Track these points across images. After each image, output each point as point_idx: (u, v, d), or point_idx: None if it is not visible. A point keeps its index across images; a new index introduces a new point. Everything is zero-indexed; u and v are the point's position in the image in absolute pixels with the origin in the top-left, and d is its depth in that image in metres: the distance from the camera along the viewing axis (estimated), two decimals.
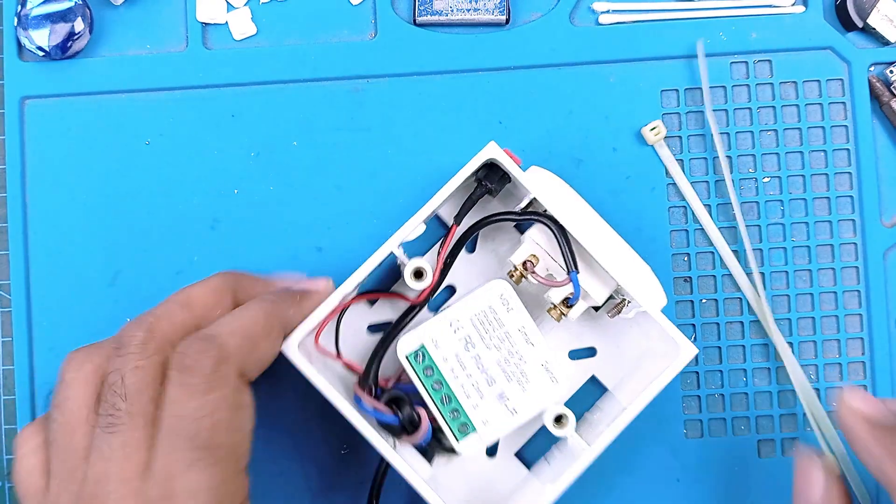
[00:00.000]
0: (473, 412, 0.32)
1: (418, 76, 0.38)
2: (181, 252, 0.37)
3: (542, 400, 0.32)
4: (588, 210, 0.33)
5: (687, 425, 0.37)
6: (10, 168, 0.37)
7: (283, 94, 0.38)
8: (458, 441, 0.32)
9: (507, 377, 0.32)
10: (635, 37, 0.38)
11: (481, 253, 0.37)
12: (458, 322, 0.32)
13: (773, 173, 0.38)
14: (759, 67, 0.38)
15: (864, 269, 0.38)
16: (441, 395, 0.32)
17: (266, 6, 0.38)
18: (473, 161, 0.32)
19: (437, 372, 0.32)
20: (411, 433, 0.32)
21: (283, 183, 0.38)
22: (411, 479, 0.31)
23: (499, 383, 0.32)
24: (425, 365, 0.32)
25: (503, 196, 0.35)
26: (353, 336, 0.36)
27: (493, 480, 0.36)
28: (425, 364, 0.32)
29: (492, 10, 0.38)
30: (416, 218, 0.32)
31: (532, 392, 0.32)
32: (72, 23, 0.37)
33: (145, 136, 0.38)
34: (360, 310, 0.36)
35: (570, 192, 0.33)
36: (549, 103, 0.38)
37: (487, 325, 0.32)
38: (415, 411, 0.32)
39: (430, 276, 0.32)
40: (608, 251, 0.32)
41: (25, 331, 0.37)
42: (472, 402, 0.32)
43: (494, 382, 0.32)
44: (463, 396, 0.32)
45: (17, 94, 0.38)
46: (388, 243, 0.32)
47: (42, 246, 0.37)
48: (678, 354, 0.32)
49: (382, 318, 0.36)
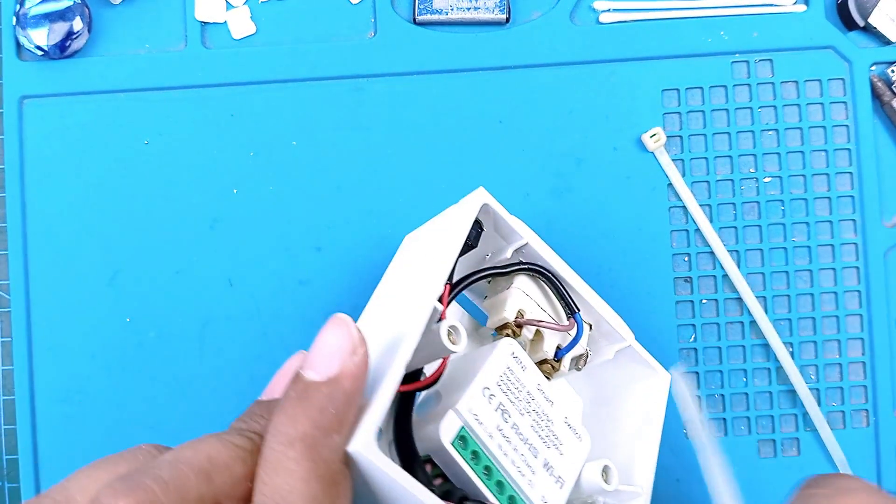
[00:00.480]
0: (532, 492, 0.26)
1: (418, 76, 0.38)
2: (180, 252, 0.37)
3: (578, 460, 0.28)
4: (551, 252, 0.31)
5: (687, 425, 0.37)
6: (9, 168, 0.37)
7: (283, 94, 0.38)
8: None
9: (545, 444, 0.27)
10: (636, 36, 0.38)
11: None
12: (487, 389, 0.26)
13: (773, 173, 0.38)
14: (760, 67, 0.38)
15: (864, 270, 0.38)
16: (494, 482, 0.25)
17: (265, 5, 0.38)
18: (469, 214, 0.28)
19: (483, 455, 0.25)
20: None
21: (283, 183, 0.37)
22: None
23: (541, 452, 0.27)
24: (471, 449, 0.25)
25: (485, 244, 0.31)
26: None
27: None
28: (470, 448, 0.25)
29: (492, 9, 0.38)
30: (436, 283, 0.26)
31: (568, 454, 0.27)
32: (70, 22, 0.37)
33: (144, 136, 0.38)
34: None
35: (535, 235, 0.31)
36: (549, 103, 0.38)
37: (512, 387, 0.27)
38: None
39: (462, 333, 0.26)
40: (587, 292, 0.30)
41: (25, 331, 0.37)
42: (526, 480, 0.26)
43: (538, 452, 0.27)
44: (518, 476, 0.26)
45: (15, 94, 0.37)
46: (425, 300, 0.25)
47: (41, 246, 0.37)
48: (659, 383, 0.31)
49: None
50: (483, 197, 0.28)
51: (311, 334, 0.37)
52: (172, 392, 0.37)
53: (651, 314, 0.37)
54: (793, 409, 0.37)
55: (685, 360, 0.38)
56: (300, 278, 0.37)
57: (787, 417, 0.37)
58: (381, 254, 0.37)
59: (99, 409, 0.37)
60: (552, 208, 0.37)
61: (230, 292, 0.37)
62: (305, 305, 0.37)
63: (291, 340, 0.37)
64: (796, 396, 0.37)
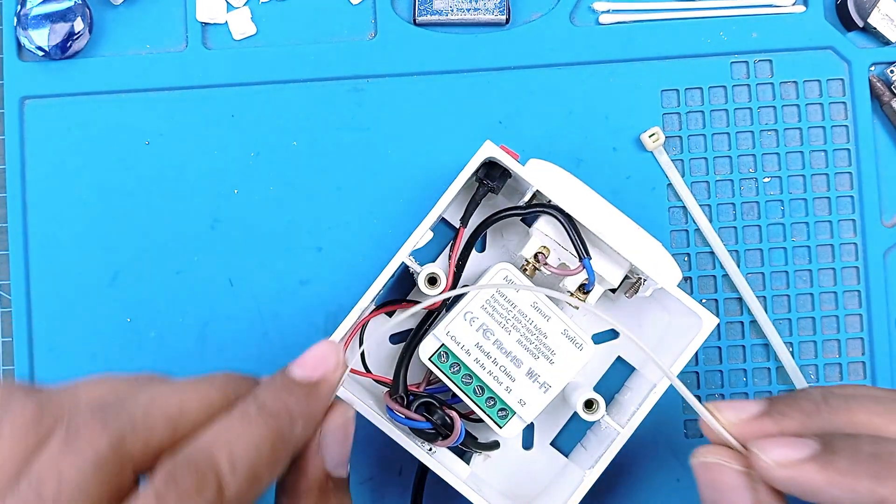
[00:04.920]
0: (508, 396, 0.32)
1: (418, 76, 0.38)
2: (181, 252, 0.37)
3: (572, 368, 0.32)
4: (591, 194, 0.33)
5: (687, 425, 0.37)
6: (10, 168, 0.37)
7: (283, 94, 0.38)
8: (500, 427, 0.32)
9: (532, 355, 0.32)
10: (635, 37, 0.38)
11: (492, 251, 0.37)
12: (471, 313, 0.32)
13: (773, 173, 0.38)
14: (759, 67, 0.38)
15: (864, 270, 0.38)
16: (473, 387, 0.32)
17: (266, 6, 0.38)
18: (472, 162, 0.32)
19: (464, 366, 0.32)
20: (446, 437, 0.32)
21: (283, 183, 0.38)
22: (451, 480, 0.31)
23: (525, 362, 0.32)
24: (451, 362, 0.32)
25: (507, 192, 0.35)
26: (377, 348, 0.36)
27: (533, 471, 0.36)
28: (450, 361, 0.32)
29: (492, 10, 0.38)
30: (422, 226, 0.32)
31: (560, 363, 0.32)
32: (71, 22, 0.37)
33: (145, 136, 0.38)
34: (379, 321, 0.36)
35: (571, 178, 0.33)
36: (549, 103, 0.38)
37: (500, 308, 0.32)
38: (446, 413, 0.32)
39: (444, 281, 0.32)
40: (617, 233, 0.32)
41: (25, 331, 0.37)
42: (504, 387, 0.32)
43: (521, 363, 0.32)
44: (494, 383, 0.32)
45: (16, 94, 0.37)
46: (398, 254, 0.32)
47: (42, 246, 0.37)
48: (700, 326, 0.32)
49: (403, 326, 0.36)
50: (489, 150, 0.32)
51: (312, 334, 0.37)
52: None
53: None
54: None
55: None
56: (301, 278, 0.37)
57: None
58: (382, 254, 0.37)
59: None
60: None
61: (231, 292, 0.37)
62: (306, 305, 0.37)
63: (292, 340, 0.37)
64: None
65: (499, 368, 0.32)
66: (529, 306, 0.32)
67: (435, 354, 0.32)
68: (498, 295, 0.32)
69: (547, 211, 0.32)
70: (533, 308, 0.32)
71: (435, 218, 0.32)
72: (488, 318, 0.32)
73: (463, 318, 0.32)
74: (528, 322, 0.32)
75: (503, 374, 0.32)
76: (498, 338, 0.32)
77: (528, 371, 0.32)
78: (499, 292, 0.32)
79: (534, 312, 0.32)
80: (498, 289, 0.32)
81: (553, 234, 0.33)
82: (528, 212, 0.33)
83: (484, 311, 0.32)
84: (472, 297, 0.32)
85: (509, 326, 0.32)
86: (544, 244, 0.33)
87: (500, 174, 0.33)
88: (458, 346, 0.32)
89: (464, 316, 0.32)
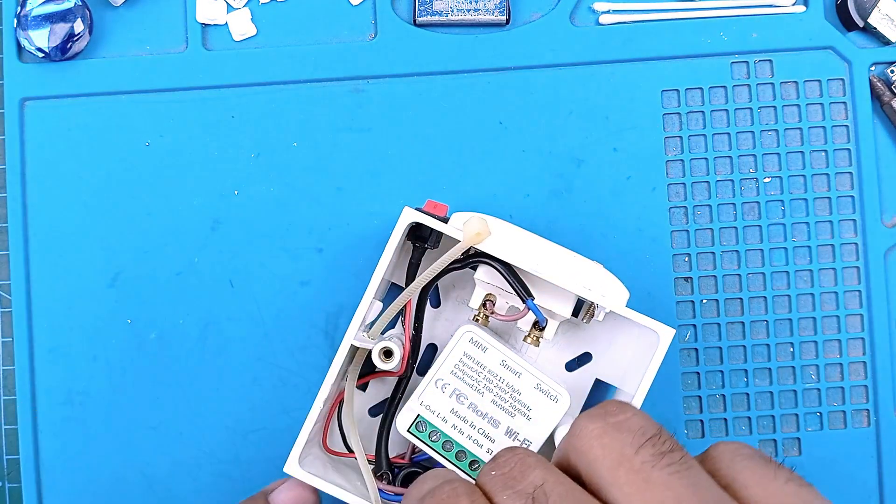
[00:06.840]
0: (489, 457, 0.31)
1: (418, 76, 0.38)
2: (181, 253, 0.37)
3: (551, 421, 0.32)
4: (520, 233, 0.32)
5: (687, 425, 0.37)
6: (10, 169, 0.37)
7: (284, 95, 0.38)
8: None
9: (508, 414, 0.32)
10: (635, 37, 0.38)
11: (448, 304, 0.36)
12: (441, 380, 0.32)
13: (773, 173, 0.38)
14: (759, 67, 0.38)
15: (864, 270, 0.38)
16: (454, 453, 0.32)
17: (266, 7, 0.38)
18: (395, 231, 0.32)
19: (442, 433, 0.32)
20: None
21: (284, 184, 0.38)
22: None
23: (503, 422, 0.32)
24: (429, 431, 0.32)
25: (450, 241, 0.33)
26: (359, 423, 0.36)
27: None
28: (429, 430, 0.32)
29: (492, 11, 0.38)
30: (364, 301, 0.32)
31: (537, 418, 0.32)
32: (71, 24, 0.37)
33: (145, 138, 0.38)
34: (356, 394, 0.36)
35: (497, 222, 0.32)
36: (549, 103, 0.38)
37: (470, 371, 0.32)
38: None
39: (399, 351, 0.32)
40: (553, 266, 0.32)
41: (25, 331, 0.37)
42: (485, 449, 0.32)
43: (499, 423, 0.32)
44: (475, 447, 0.32)
45: (16, 96, 0.38)
46: (346, 337, 0.32)
47: (42, 246, 0.37)
48: (658, 339, 0.32)
49: (380, 397, 0.36)
50: (409, 216, 0.32)
51: (312, 335, 0.37)
52: (174, 393, 0.37)
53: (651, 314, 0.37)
54: (794, 409, 0.37)
55: (686, 361, 0.38)
56: (301, 279, 0.37)
57: (788, 417, 0.37)
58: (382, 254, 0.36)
59: (100, 410, 0.37)
60: (552, 209, 0.38)
61: (231, 293, 0.37)
62: (306, 306, 0.37)
63: (292, 341, 0.37)
64: (797, 396, 0.37)
65: (477, 431, 0.32)
66: (499, 365, 0.32)
67: (412, 425, 0.32)
68: (466, 358, 0.32)
69: (482, 260, 0.32)
70: (502, 366, 0.32)
71: (372, 293, 0.32)
72: (459, 382, 0.32)
73: (435, 386, 0.32)
74: (500, 381, 0.32)
75: (482, 436, 0.32)
76: (472, 401, 0.32)
77: (507, 430, 0.32)
78: (466, 355, 0.32)
79: (504, 371, 0.32)
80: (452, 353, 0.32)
81: (494, 281, 0.33)
82: (465, 264, 0.33)
83: (454, 377, 0.32)
84: (441, 363, 0.32)
85: (482, 388, 0.32)
86: (489, 292, 0.33)
87: (431, 231, 0.33)
88: (434, 414, 0.32)
89: (435, 384, 0.32)
